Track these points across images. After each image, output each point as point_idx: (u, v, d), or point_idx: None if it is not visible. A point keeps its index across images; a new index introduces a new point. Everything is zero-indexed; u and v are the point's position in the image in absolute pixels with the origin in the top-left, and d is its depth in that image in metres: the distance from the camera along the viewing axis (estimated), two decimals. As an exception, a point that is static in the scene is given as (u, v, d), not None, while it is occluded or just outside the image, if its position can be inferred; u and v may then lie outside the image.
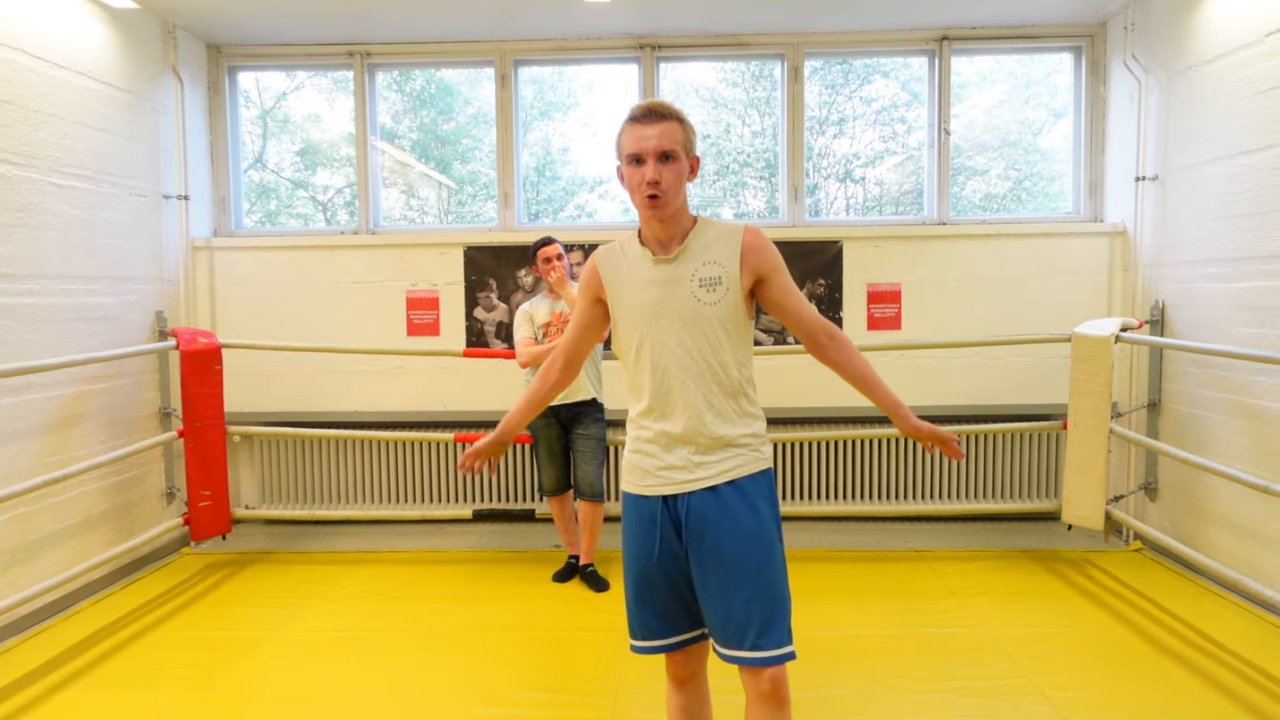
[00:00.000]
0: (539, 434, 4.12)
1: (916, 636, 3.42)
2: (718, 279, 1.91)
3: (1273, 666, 3.11)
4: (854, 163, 5.37)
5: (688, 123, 1.92)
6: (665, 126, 1.86)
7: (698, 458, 1.93)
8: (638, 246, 1.99)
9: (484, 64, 5.20)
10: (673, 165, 1.87)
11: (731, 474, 1.93)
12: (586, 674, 3.14)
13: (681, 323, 1.92)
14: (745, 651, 1.88)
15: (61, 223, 3.92)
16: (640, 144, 1.86)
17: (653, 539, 1.96)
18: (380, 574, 4.31)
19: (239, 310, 5.08)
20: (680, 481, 1.94)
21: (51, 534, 3.85)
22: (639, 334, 1.96)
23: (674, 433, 1.94)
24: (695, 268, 1.92)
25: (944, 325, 4.94)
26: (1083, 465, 4.15)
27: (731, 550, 1.90)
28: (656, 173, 1.85)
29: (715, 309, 1.91)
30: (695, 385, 1.92)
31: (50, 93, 3.85)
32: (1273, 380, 3.59)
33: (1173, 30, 4.24)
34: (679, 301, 1.92)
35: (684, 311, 1.91)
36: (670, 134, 1.86)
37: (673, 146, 1.87)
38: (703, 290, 1.91)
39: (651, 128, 1.86)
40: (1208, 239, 4.03)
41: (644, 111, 1.88)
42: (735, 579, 1.89)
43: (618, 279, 2.00)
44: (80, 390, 4.04)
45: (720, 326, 1.92)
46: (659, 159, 1.86)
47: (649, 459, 1.98)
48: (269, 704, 2.95)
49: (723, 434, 1.93)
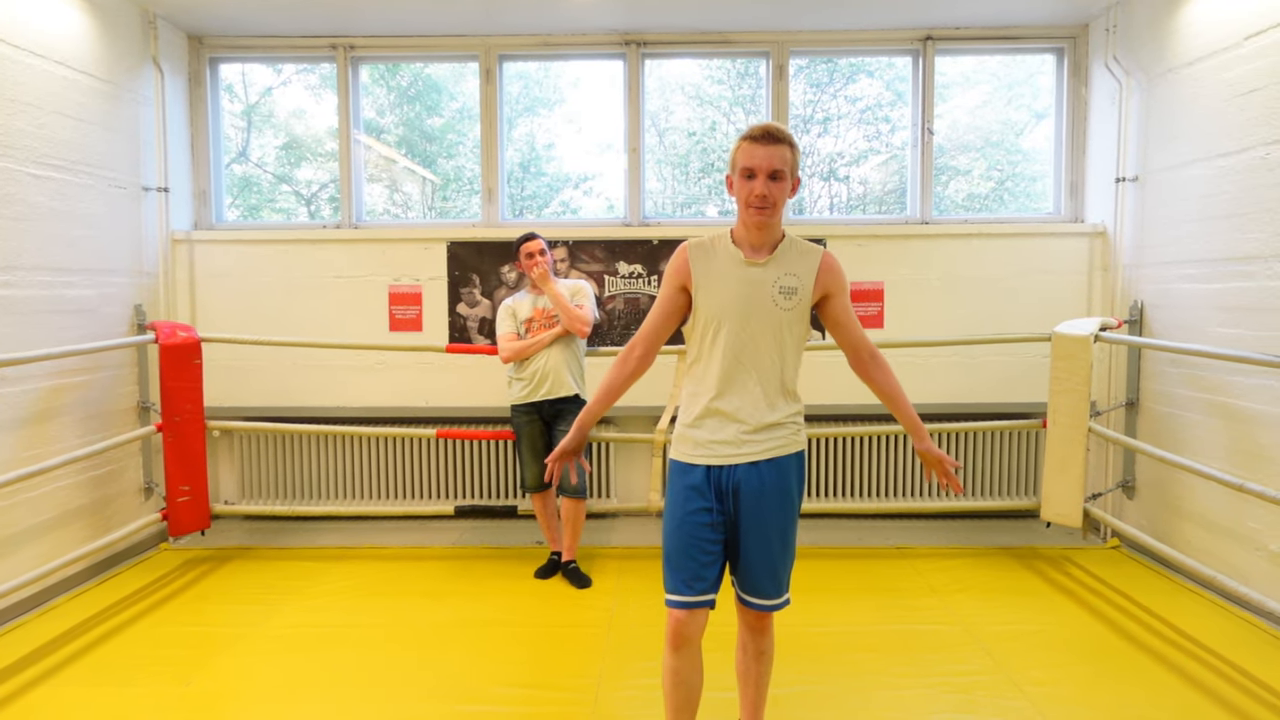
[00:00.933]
0: (521, 430, 4.11)
1: (897, 633, 3.44)
2: (794, 289, 2.20)
3: (1247, 662, 3.15)
4: (838, 161, 5.39)
5: (797, 147, 2.18)
6: (778, 149, 2.12)
7: (745, 436, 2.20)
8: (730, 245, 2.24)
9: (468, 58, 5.17)
10: (779, 183, 2.13)
11: (772, 453, 2.21)
12: (568, 670, 3.14)
13: (758, 320, 2.19)
14: (762, 599, 2.27)
15: (38, 214, 3.87)
16: (754, 160, 2.12)
17: (693, 503, 2.22)
18: (361, 570, 4.29)
19: (219, 304, 5.03)
20: (727, 455, 2.20)
21: (27, 529, 3.80)
22: (718, 322, 2.21)
23: (728, 412, 2.20)
24: (778, 275, 2.20)
25: (926, 324, 4.97)
26: (1062, 463, 4.19)
27: (766, 520, 2.22)
28: (765, 188, 2.12)
29: (788, 315, 2.20)
30: (757, 375, 2.20)
31: (27, 82, 3.79)
32: (1248, 380, 3.64)
33: (1154, 33, 4.28)
34: (761, 301, 2.19)
35: (762, 311, 2.19)
36: (782, 156, 2.12)
37: (782, 167, 2.12)
38: (781, 296, 2.19)
39: (765, 148, 2.11)
40: (1186, 240, 4.07)
41: (762, 133, 2.12)
42: (766, 545, 2.23)
43: (708, 270, 2.23)
44: (57, 384, 3.99)
45: (788, 330, 2.21)
46: (769, 176, 2.12)
47: (700, 432, 2.23)
48: (247, 700, 2.93)
49: (770, 420, 2.21)
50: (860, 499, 5.07)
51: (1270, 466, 3.51)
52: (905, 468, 5.06)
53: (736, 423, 2.20)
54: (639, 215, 5.14)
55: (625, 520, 5.15)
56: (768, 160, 2.10)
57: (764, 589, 2.26)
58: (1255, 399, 3.60)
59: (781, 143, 2.12)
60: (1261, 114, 3.56)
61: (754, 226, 2.18)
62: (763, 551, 2.23)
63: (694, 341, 2.29)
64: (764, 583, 2.25)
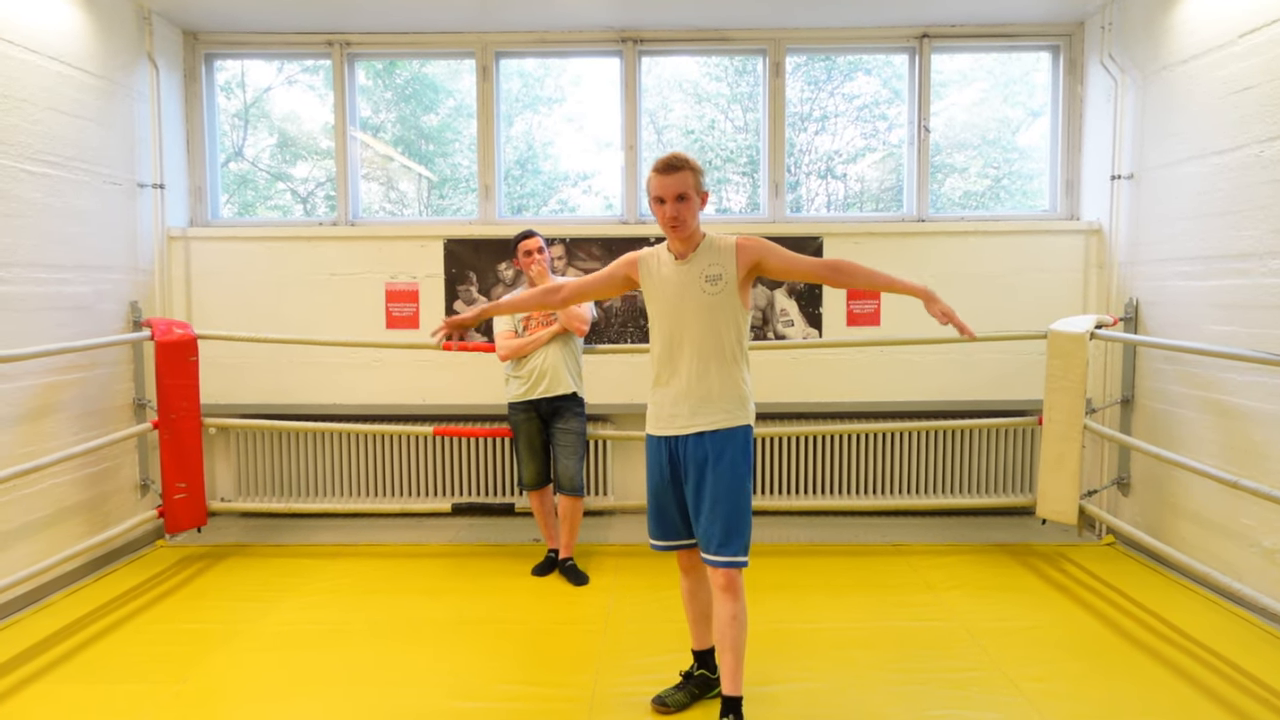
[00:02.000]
0: (519, 428, 4.11)
1: (892, 630, 3.45)
2: (719, 275, 2.58)
3: (1241, 658, 3.16)
4: (835, 159, 5.40)
5: (698, 169, 2.56)
6: (680, 175, 2.51)
7: (691, 410, 2.59)
8: (666, 254, 2.68)
9: (465, 55, 5.17)
10: (686, 203, 2.54)
11: (716, 425, 2.58)
12: (564, 667, 3.15)
13: (690, 307, 2.59)
14: (711, 555, 2.59)
15: (33, 210, 3.86)
16: (661, 190, 2.53)
17: (660, 469, 2.69)
18: (358, 567, 4.28)
19: (215, 301, 5.02)
20: (679, 427, 2.61)
21: (23, 526, 3.80)
22: (661, 314, 2.65)
23: (678, 389, 2.61)
24: (703, 268, 2.59)
25: (922, 321, 4.91)
26: (1057, 461, 4.20)
27: (708, 483, 2.59)
28: (675, 209, 2.53)
29: (716, 298, 2.58)
30: (697, 354, 2.58)
31: (22, 78, 3.78)
32: (1242, 377, 3.65)
33: (1149, 30, 4.29)
34: (691, 291, 2.59)
35: (693, 299, 2.59)
36: (683, 180, 2.52)
37: (685, 190, 2.52)
38: (708, 284, 2.58)
39: (669, 177, 2.51)
40: (1181, 237, 4.08)
41: (664, 165, 2.52)
42: (707, 504, 2.59)
43: (650, 275, 2.70)
44: (53, 380, 3.98)
45: (720, 311, 2.58)
46: (676, 199, 2.52)
47: (656, 408, 2.68)
48: (244, 698, 2.93)
49: (713, 394, 2.58)
50: (856, 496, 5.07)
51: (1264, 463, 3.52)
52: (901, 465, 5.07)
53: (684, 399, 2.60)
54: (636, 213, 5.14)
55: (622, 517, 5.15)
56: (673, 187, 2.51)
57: (712, 544, 2.58)
58: (1249, 396, 3.61)
59: (682, 169, 2.51)
60: (1256, 111, 3.57)
61: (674, 239, 2.62)
62: (710, 511, 2.58)
63: (651, 337, 2.73)
64: (712, 539, 2.57)
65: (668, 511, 2.73)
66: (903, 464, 5.07)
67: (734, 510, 2.57)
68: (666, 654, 3.19)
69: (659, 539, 2.79)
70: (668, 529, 2.76)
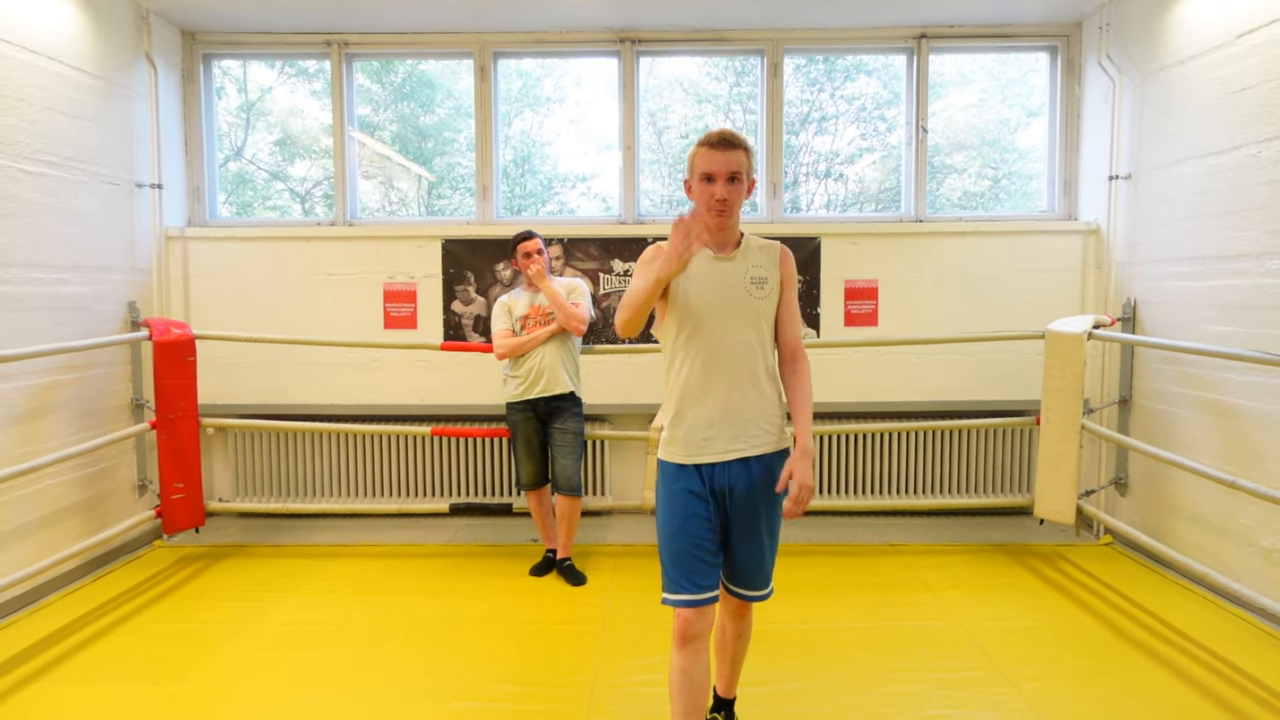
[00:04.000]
0: (517, 428, 4.11)
1: (890, 629, 3.46)
2: (765, 279, 2.28)
3: (1238, 658, 3.17)
4: (834, 160, 5.40)
5: (752, 151, 2.25)
6: (735, 154, 2.18)
7: (731, 433, 2.22)
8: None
9: (463, 55, 5.17)
10: (737, 185, 2.22)
11: (762, 448, 2.25)
12: (563, 667, 3.15)
13: (734, 312, 2.24)
14: (751, 590, 2.34)
15: (31, 210, 3.86)
16: (713, 165, 2.18)
17: (692, 506, 2.24)
18: (356, 568, 4.28)
19: (213, 301, 5.02)
20: (717, 451, 2.22)
21: (20, 526, 3.79)
22: (695, 317, 2.24)
23: (714, 407, 2.22)
24: (748, 268, 2.27)
25: (920, 321, 4.98)
26: (1055, 461, 4.21)
27: (760, 515, 2.27)
28: (725, 191, 2.19)
29: (762, 304, 2.27)
30: (739, 367, 2.23)
31: (20, 78, 3.78)
32: (1240, 377, 3.65)
33: (1147, 31, 4.30)
34: (735, 293, 2.24)
35: (738, 302, 2.24)
36: (738, 160, 2.19)
37: (739, 170, 2.20)
38: (754, 287, 2.26)
39: (725, 154, 2.17)
40: (1179, 238, 4.09)
41: (719, 139, 2.18)
42: (755, 541, 2.29)
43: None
44: (50, 381, 3.98)
45: (764, 319, 2.27)
46: (728, 180, 2.19)
47: (691, 432, 2.24)
48: (242, 698, 2.93)
49: (754, 413, 2.24)
50: (854, 496, 5.08)
51: (1261, 463, 3.52)
52: (898, 465, 5.07)
53: (720, 419, 2.22)
54: (634, 213, 5.14)
55: (620, 518, 5.15)
56: (726, 164, 2.17)
57: (754, 582, 2.34)
58: (1247, 396, 3.62)
59: (738, 148, 2.19)
60: (1253, 112, 3.57)
61: (715, 228, 2.24)
62: (754, 547, 2.29)
63: (670, 340, 2.30)
64: (754, 577, 2.33)
65: (708, 555, 2.24)
66: (900, 464, 5.07)
67: (774, 544, 2.35)
68: (664, 655, 3.19)
69: (697, 590, 2.22)
70: (710, 574, 2.25)
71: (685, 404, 2.26)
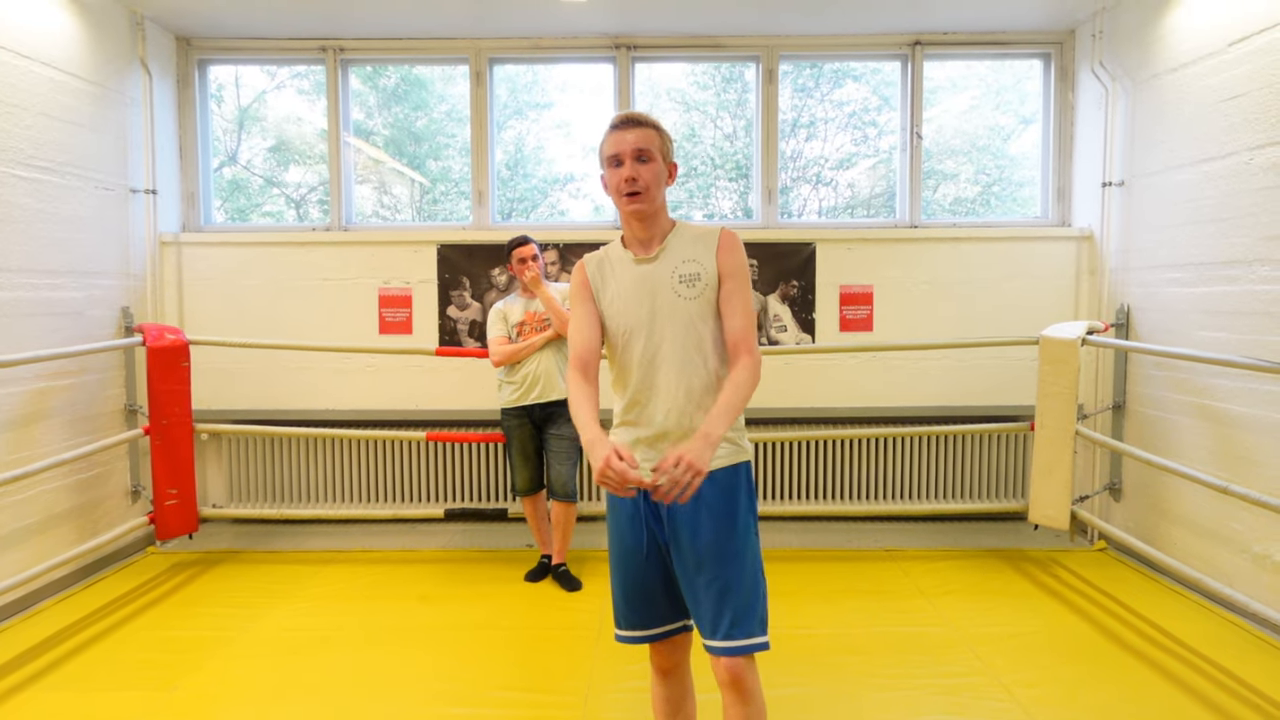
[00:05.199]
0: (512, 434, 4.11)
1: (885, 635, 3.46)
2: (697, 275, 1.99)
3: (1231, 663, 3.18)
4: (826, 165, 5.41)
5: (664, 131, 2.03)
6: (641, 131, 1.98)
7: (670, 448, 1.94)
8: (621, 249, 2.08)
9: (459, 61, 5.17)
10: (649, 165, 1.98)
11: (720, 463, 1.99)
12: (558, 673, 3.14)
13: (664, 318, 1.99)
14: (717, 641, 1.93)
15: (25, 215, 3.85)
16: (618, 146, 1.97)
17: (637, 532, 2.01)
18: (350, 574, 4.27)
19: (207, 307, 5.01)
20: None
21: (12, 532, 3.77)
22: (626, 331, 2.03)
23: (654, 427, 1.99)
24: (675, 265, 2.01)
25: (914, 327, 4.99)
26: (1049, 466, 4.22)
27: (706, 543, 1.94)
28: (634, 170, 1.96)
29: (696, 304, 1.99)
30: (677, 377, 1.98)
31: (14, 83, 3.77)
32: (1232, 383, 3.67)
33: (1140, 39, 4.32)
34: (662, 298, 2.00)
35: (666, 307, 1.99)
36: (646, 138, 1.98)
37: (648, 147, 1.97)
38: (683, 286, 1.99)
39: (629, 132, 1.97)
40: (1171, 244, 4.11)
41: (622, 120, 2.00)
42: (709, 570, 1.94)
43: (604, 280, 2.08)
44: (43, 386, 3.96)
45: (700, 321, 1.99)
46: (636, 159, 1.97)
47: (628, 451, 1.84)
48: (235, 705, 2.92)
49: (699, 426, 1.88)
50: (848, 501, 5.08)
51: (1254, 469, 3.54)
52: (893, 470, 5.08)
53: (662, 439, 1.98)
54: (629, 218, 5.14)
55: (615, 523, 5.14)
56: (632, 143, 1.96)
57: (721, 626, 1.92)
58: (1239, 402, 3.63)
59: (645, 125, 1.98)
60: (1245, 119, 3.60)
61: (632, 217, 2.00)
62: (708, 579, 1.93)
63: (608, 354, 2.11)
64: (721, 616, 1.92)
65: (646, 587, 2.03)
66: (895, 469, 5.08)
67: (741, 575, 1.94)
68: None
69: (633, 627, 2.06)
70: (648, 612, 2.05)
71: (621, 424, 2.06)
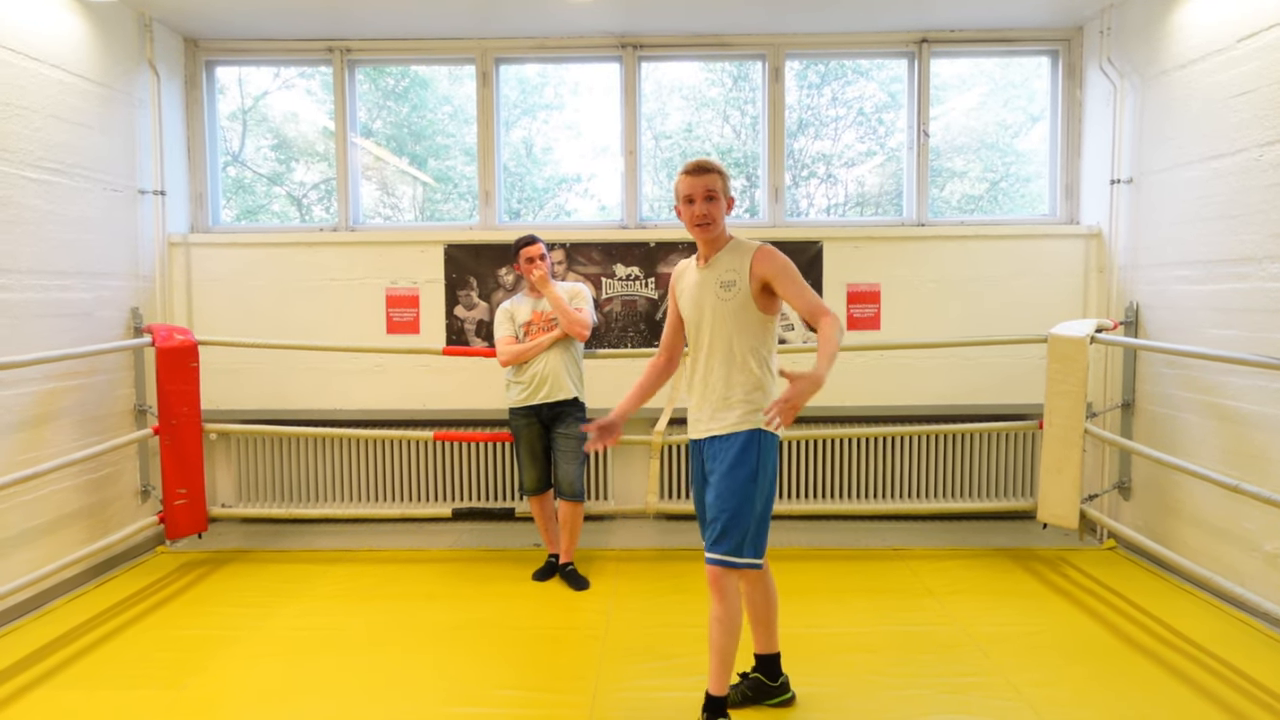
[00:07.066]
0: (520, 433, 4.11)
1: (893, 634, 3.45)
2: (732, 281, 2.63)
3: (1242, 662, 3.16)
4: (834, 163, 5.40)
5: (725, 174, 2.66)
6: (709, 177, 2.61)
7: (709, 415, 2.67)
8: (694, 260, 2.78)
9: (465, 61, 5.18)
10: (715, 203, 2.62)
11: (732, 427, 2.62)
12: (565, 673, 3.14)
13: (708, 313, 2.66)
14: (707, 551, 2.64)
15: (34, 217, 3.87)
16: (692, 189, 2.61)
17: (696, 467, 2.77)
18: (358, 573, 4.28)
19: (216, 307, 5.03)
20: (702, 430, 2.70)
21: (23, 532, 3.80)
22: (688, 321, 2.77)
23: (699, 394, 2.71)
24: (720, 274, 2.65)
25: (922, 325, 4.98)
26: (1058, 465, 4.20)
27: (713, 484, 2.64)
28: (704, 209, 2.61)
29: (729, 304, 2.63)
30: (718, 359, 2.65)
31: (23, 85, 3.79)
32: (1243, 381, 3.65)
33: (1148, 35, 4.30)
34: (707, 297, 2.67)
35: (710, 305, 2.66)
36: (712, 181, 2.61)
37: (714, 188, 2.61)
38: (721, 289, 2.64)
39: (701, 178, 2.60)
40: (1181, 241, 4.09)
41: (694, 167, 2.62)
42: (711, 503, 2.63)
43: (680, 283, 2.84)
44: (53, 387, 3.98)
45: (732, 317, 2.63)
46: (705, 198, 2.61)
47: (691, 413, 2.75)
48: (244, 703, 2.93)
49: (728, 397, 2.63)
50: (857, 500, 5.07)
51: (1266, 467, 3.52)
52: (902, 469, 5.07)
53: (703, 403, 2.69)
54: (635, 218, 5.15)
55: (623, 522, 5.15)
56: (702, 186, 2.59)
57: (709, 540, 2.62)
58: (1250, 400, 3.61)
59: (711, 172, 2.60)
60: (1254, 116, 3.58)
61: (700, 240, 2.70)
62: (711, 509, 2.62)
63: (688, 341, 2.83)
64: (711, 534, 2.62)
65: (701, 506, 2.78)
66: (903, 468, 5.07)
67: (731, 509, 2.59)
68: (667, 659, 3.19)
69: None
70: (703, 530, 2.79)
71: (688, 391, 2.78)
